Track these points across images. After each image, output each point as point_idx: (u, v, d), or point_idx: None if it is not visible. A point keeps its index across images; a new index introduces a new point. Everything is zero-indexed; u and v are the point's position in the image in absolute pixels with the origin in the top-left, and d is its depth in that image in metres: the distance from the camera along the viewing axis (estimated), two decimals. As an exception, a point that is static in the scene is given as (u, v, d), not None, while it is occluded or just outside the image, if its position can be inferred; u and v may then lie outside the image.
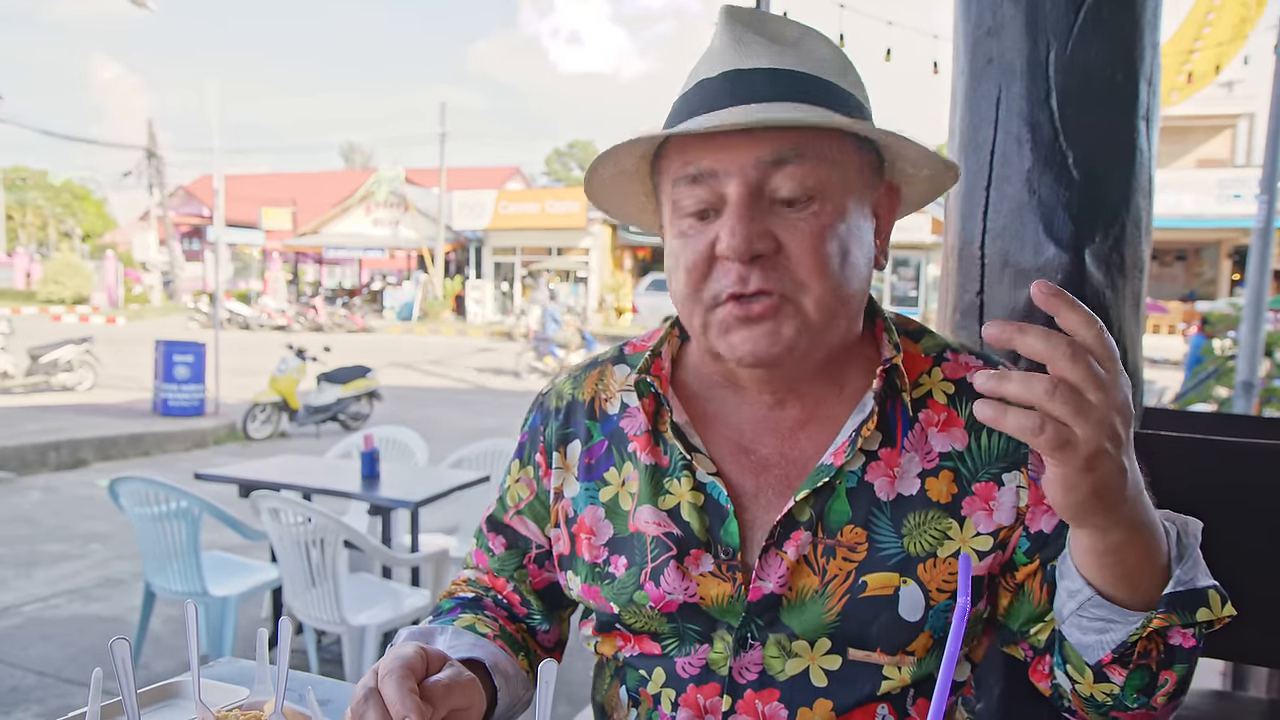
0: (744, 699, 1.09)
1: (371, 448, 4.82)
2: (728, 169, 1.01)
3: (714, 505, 1.12)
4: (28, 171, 51.57)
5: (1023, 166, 1.69)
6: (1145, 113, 1.69)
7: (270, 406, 11.86)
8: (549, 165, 76.43)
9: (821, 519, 1.08)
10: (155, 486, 4.19)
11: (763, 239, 1.00)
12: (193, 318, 28.66)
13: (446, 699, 0.95)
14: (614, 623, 1.17)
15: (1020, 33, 1.69)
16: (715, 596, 1.10)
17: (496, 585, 1.32)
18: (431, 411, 13.57)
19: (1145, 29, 1.68)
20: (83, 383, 14.73)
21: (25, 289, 39.74)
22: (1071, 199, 1.66)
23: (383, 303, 37.18)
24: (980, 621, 1.15)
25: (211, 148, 14.91)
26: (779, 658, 1.08)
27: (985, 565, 1.08)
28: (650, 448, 1.17)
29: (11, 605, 5.45)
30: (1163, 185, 27.55)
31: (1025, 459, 1.09)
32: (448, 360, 22.01)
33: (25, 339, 15.61)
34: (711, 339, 1.06)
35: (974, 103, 1.76)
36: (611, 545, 1.17)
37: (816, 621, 1.07)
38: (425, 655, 0.98)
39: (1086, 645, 0.96)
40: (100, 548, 6.73)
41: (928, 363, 1.15)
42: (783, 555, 1.08)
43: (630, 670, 1.19)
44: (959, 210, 1.79)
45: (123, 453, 10.55)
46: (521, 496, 1.29)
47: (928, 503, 1.08)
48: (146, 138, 37.20)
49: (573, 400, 1.26)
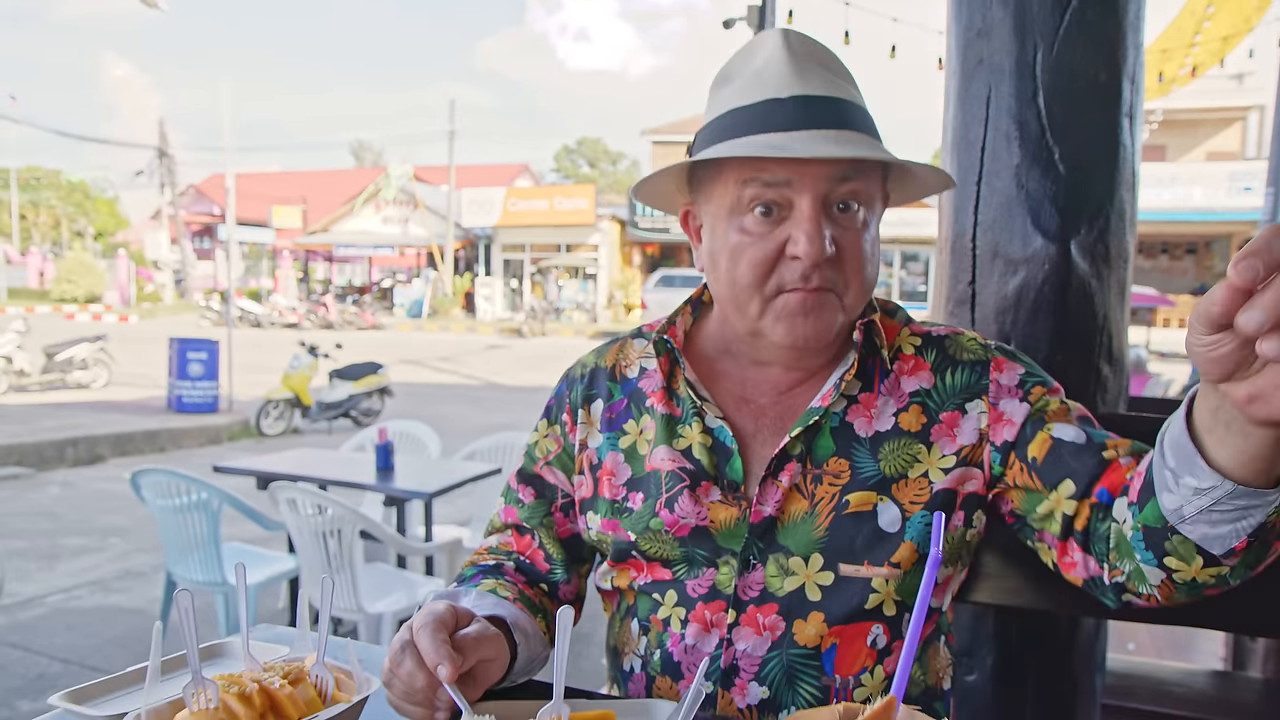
0: (746, 613, 1.24)
1: (386, 440, 4.93)
2: (802, 181, 1.17)
3: (720, 446, 1.29)
4: (41, 171, 51.80)
5: (1012, 162, 1.78)
6: (1128, 110, 1.77)
7: (283, 403, 11.97)
8: (558, 162, 76.52)
9: (810, 453, 1.26)
10: (176, 478, 4.29)
11: (830, 244, 1.18)
12: (204, 315, 28.80)
13: (475, 650, 1.05)
14: (630, 551, 1.31)
15: (1009, 35, 1.77)
16: (723, 520, 1.26)
17: (520, 546, 1.44)
18: (443, 408, 13.66)
19: (1128, 30, 1.76)
20: (97, 380, 14.88)
21: (39, 288, 39.98)
22: (1058, 193, 1.75)
23: (393, 300, 37.30)
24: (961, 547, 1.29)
25: (222, 146, 15.03)
26: (778, 576, 1.23)
27: (953, 480, 1.24)
28: (665, 400, 1.34)
29: (36, 596, 5.56)
30: (1173, 178, 27.52)
31: (986, 389, 1.27)
32: (458, 357, 22.11)
33: (40, 337, 15.75)
34: (767, 322, 1.23)
35: (965, 101, 1.85)
36: (630, 484, 1.33)
37: (808, 539, 1.23)
38: (455, 611, 1.08)
39: (1217, 537, 0.99)
40: (120, 541, 6.85)
41: (899, 327, 1.35)
42: (778, 484, 1.25)
43: (642, 599, 1.33)
44: (952, 204, 1.88)
45: (139, 448, 10.67)
46: (550, 450, 1.44)
47: (900, 432, 1.27)
48: (158, 137, 37.35)
49: (596, 367, 1.44)
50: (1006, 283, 1.79)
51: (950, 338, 1.33)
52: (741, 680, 1.23)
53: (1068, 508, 1.18)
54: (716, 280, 1.27)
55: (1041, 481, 1.21)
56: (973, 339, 1.33)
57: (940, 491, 1.24)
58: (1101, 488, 1.16)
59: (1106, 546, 1.14)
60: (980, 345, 1.32)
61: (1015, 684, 1.90)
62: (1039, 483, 1.21)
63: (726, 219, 1.23)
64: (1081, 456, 1.18)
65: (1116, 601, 1.17)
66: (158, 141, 37.32)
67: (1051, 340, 1.77)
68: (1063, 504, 1.18)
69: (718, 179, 1.24)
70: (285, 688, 1.01)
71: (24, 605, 5.38)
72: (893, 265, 33.11)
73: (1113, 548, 1.12)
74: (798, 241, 1.17)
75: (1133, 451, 1.18)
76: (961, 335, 1.34)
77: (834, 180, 1.17)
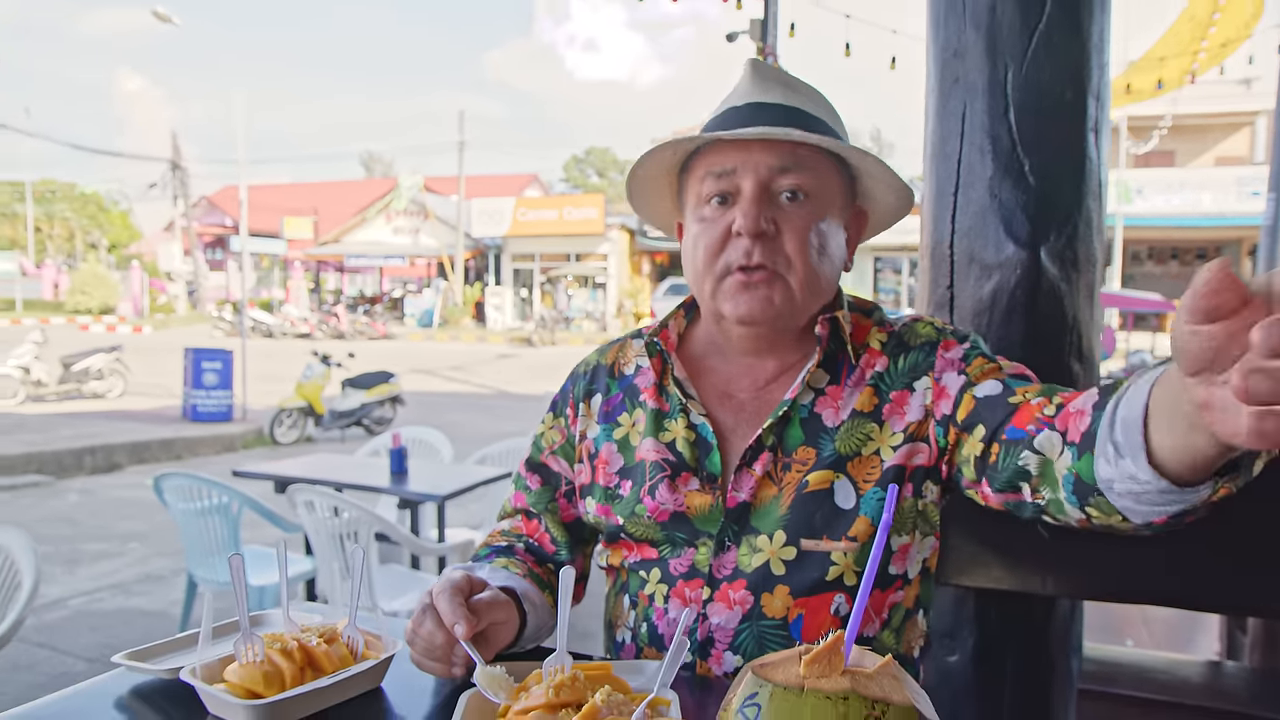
0: (720, 590, 1.36)
1: (400, 445, 5.06)
2: (744, 168, 1.33)
3: (702, 441, 1.41)
4: (56, 184, 52.17)
5: (985, 174, 1.90)
6: (1094, 125, 1.90)
7: (296, 411, 12.13)
8: (567, 172, 76.74)
9: (781, 443, 1.37)
10: (198, 482, 4.43)
11: (767, 221, 1.31)
12: (217, 326, 29.02)
13: (488, 613, 1.19)
14: (620, 533, 1.45)
15: (982, 55, 1.90)
16: (698, 506, 1.38)
17: (529, 529, 1.57)
18: (453, 416, 13.80)
19: (1092, 51, 1.88)
20: (113, 390, 15.09)
21: (54, 300, 40.31)
22: (1028, 202, 1.87)
23: (403, 310, 37.49)
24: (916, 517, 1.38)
25: (235, 159, 15.22)
26: (747, 555, 1.35)
27: (901, 456, 1.35)
28: (655, 396, 1.47)
29: (59, 599, 5.71)
30: (1181, 184, 27.54)
31: (932, 366, 1.38)
32: (468, 366, 22.27)
33: (55, 348, 15.95)
34: (719, 302, 1.37)
35: (943, 118, 1.98)
36: (621, 472, 1.46)
37: (773, 518, 1.34)
38: (470, 579, 1.23)
39: (1139, 511, 1.03)
40: (139, 546, 7.00)
41: (870, 326, 1.46)
42: (752, 472, 1.37)
43: (632, 576, 1.46)
44: (931, 214, 2.01)
45: (155, 456, 10.84)
46: (554, 440, 1.57)
47: (856, 414, 1.37)
48: (171, 150, 37.68)
49: (597, 365, 1.58)
50: (982, 286, 1.92)
51: (909, 326, 1.44)
52: (717, 650, 1.35)
53: (977, 449, 1.26)
54: (687, 273, 1.42)
55: (964, 433, 1.30)
56: (929, 324, 1.43)
57: (891, 468, 1.34)
58: (1011, 426, 1.21)
59: (1027, 476, 1.17)
60: (935, 329, 1.42)
61: (994, 665, 2.01)
62: (963, 434, 1.30)
63: (693, 214, 1.40)
64: (993, 404, 1.26)
65: (1034, 517, 1.22)
66: (171, 154, 37.65)
67: (1024, 340, 1.89)
68: (975, 446, 1.27)
69: (688, 183, 1.42)
70: (321, 645, 1.15)
71: (49, 607, 5.53)
72: (901, 273, 33.20)
73: (1036, 474, 1.16)
74: (737, 219, 1.31)
75: (1044, 393, 1.22)
76: (919, 322, 1.44)
77: (774, 169, 1.32)
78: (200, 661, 1.12)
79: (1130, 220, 26.98)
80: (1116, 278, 26.26)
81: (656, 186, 1.50)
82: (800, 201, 1.33)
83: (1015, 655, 2.01)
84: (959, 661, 2.03)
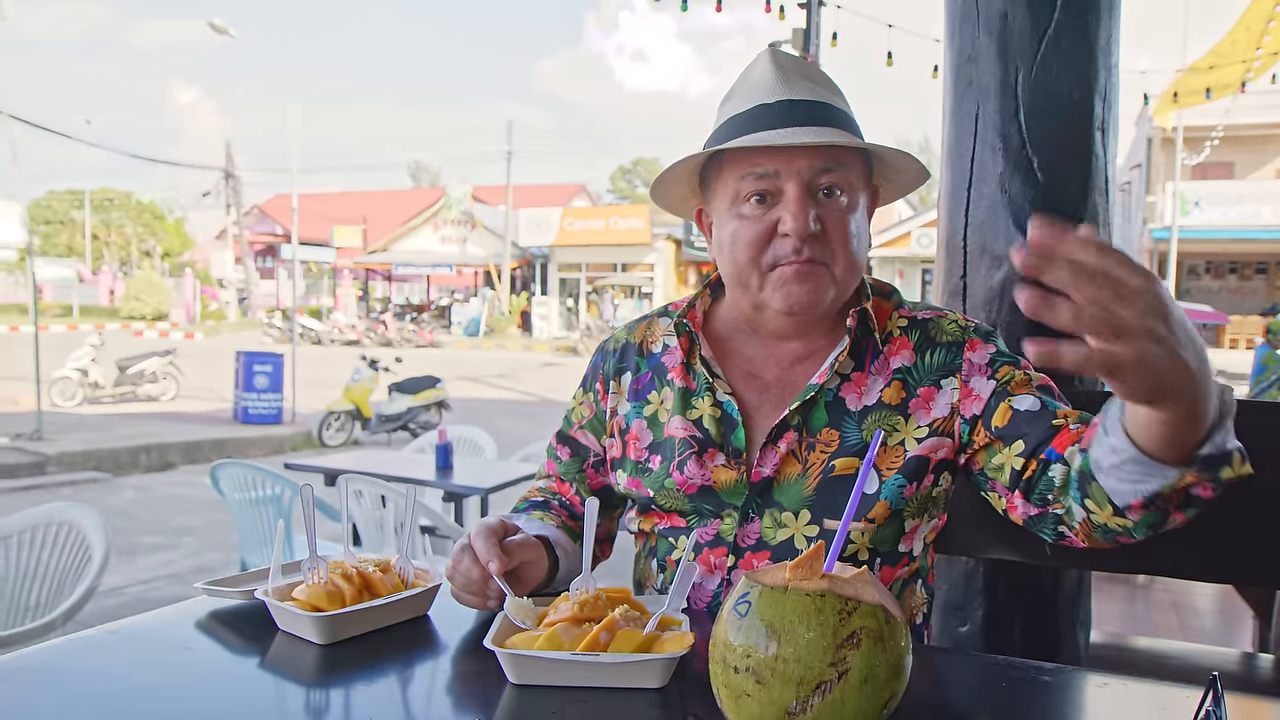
0: (744, 558, 1.46)
1: (445, 441, 5.23)
2: (787, 171, 1.39)
3: (728, 418, 1.50)
4: (114, 193, 53.33)
5: (996, 171, 2.03)
6: (1100, 124, 2.02)
7: (344, 415, 12.38)
8: (614, 182, 77.15)
9: (806, 423, 1.46)
10: (253, 471, 4.63)
11: (815, 221, 1.38)
12: (267, 333, 29.47)
13: (519, 553, 1.33)
14: (650, 504, 1.55)
15: (994, 59, 2.03)
16: (724, 481, 1.47)
17: (562, 490, 1.70)
18: (498, 422, 13.97)
19: (1099, 54, 2.00)
20: (166, 393, 15.48)
21: (109, 305, 41.20)
22: (1036, 197, 2.00)
23: (450, 318, 37.87)
24: (929, 501, 1.49)
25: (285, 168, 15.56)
26: (772, 528, 1.45)
27: (926, 448, 1.44)
28: (683, 375, 1.56)
29: (118, 586, 5.95)
30: (1240, 196, 26.99)
31: (960, 368, 1.46)
32: (514, 374, 22.51)
33: (111, 352, 16.36)
34: (767, 293, 1.44)
35: (958, 119, 2.10)
36: (651, 448, 1.55)
37: (799, 497, 1.44)
38: (504, 523, 1.37)
39: (1120, 491, 1.15)
40: (193, 540, 7.24)
41: (891, 310, 1.55)
42: (776, 450, 1.45)
43: (661, 542, 1.57)
44: (947, 209, 2.13)
45: (207, 456, 11.12)
46: (584, 415, 1.68)
47: (883, 405, 1.46)
48: (225, 159, 38.39)
49: (626, 343, 1.67)
50: (992, 276, 2.04)
51: (933, 320, 1.51)
52: None
53: (1016, 463, 1.37)
54: (724, 263, 1.50)
55: (1000, 441, 1.40)
56: (954, 322, 1.51)
57: (914, 458, 1.44)
58: (1050, 448, 1.34)
59: (1053, 487, 1.32)
60: (960, 327, 1.50)
61: (1004, 636, 2.13)
62: (998, 443, 1.41)
63: (729, 209, 1.45)
64: (1035, 422, 1.37)
65: (1054, 535, 1.35)
66: (224, 163, 38.36)
67: (1032, 326, 2.00)
68: (1013, 459, 1.37)
69: (720, 178, 1.48)
70: (377, 573, 1.30)
71: (108, 594, 5.75)
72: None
73: (1059, 486, 1.30)
74: (786, 221, 1.38)
75: (1081, 420, 1.35)
76: (944, 318, 1.52)
77: (816, 170, 1.39)
78: (272, 585, 1.27)
79: (1187, 232, 26.49)
80: (1171, 291, 25.79)
81: (673, 174, 1.56)
82: (837, 197, 1.41)
83: (1023, 627, 2.13)
84: (969, 632, 2.15)
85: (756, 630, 0.89)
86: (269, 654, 1.19)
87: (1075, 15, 1.98)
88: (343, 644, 1.21)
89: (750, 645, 0.89)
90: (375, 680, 1.11)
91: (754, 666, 0.89)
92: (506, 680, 1.09)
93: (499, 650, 1.08)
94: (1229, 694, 0.98)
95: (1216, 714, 0.91)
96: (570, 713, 1.02)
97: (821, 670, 0.86)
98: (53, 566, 3.07)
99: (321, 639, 1.20)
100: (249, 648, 1.21)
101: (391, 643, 1.23)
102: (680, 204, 1.65)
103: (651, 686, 1.07)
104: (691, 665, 1.13)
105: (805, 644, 0.87)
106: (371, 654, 1.18)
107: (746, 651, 0.89)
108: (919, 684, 1.01)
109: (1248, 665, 2.91)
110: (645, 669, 1.06)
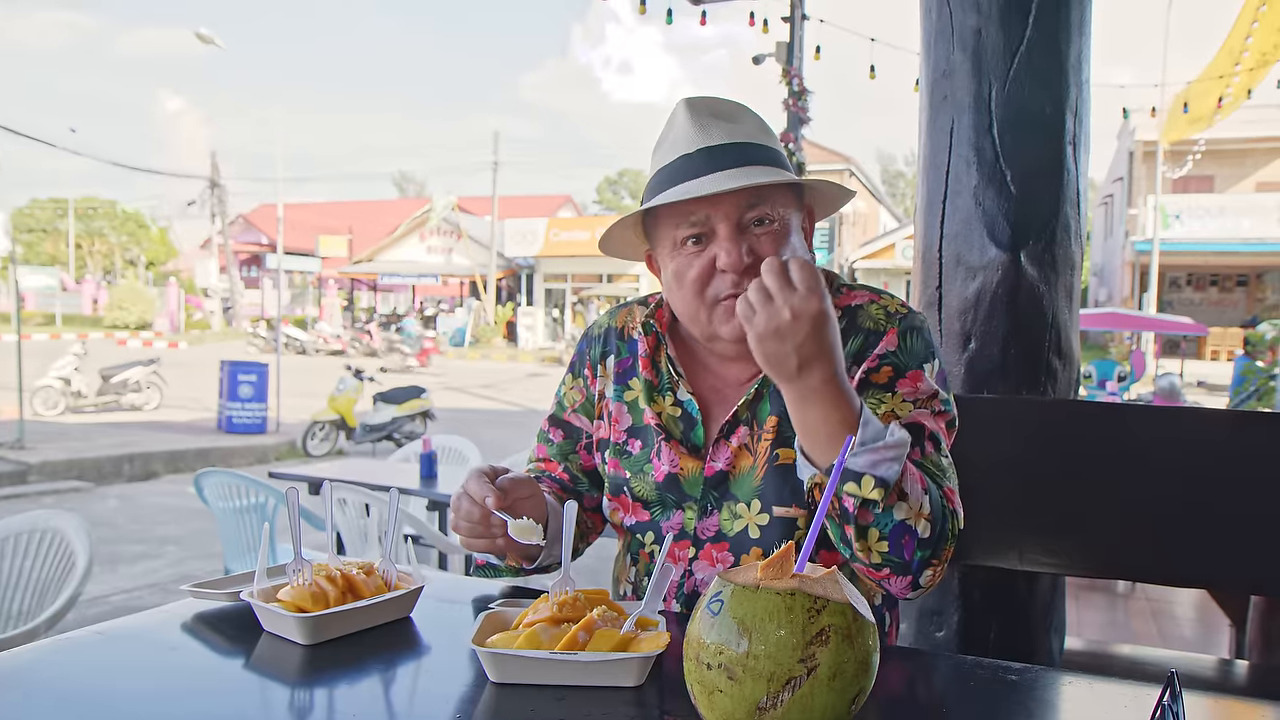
0: (704, 550, 1.53)
1: (430, 450, 5.25)
2: (716, 214, 1.45)
3: (687, 416, 1.58)
4: (98, 201, 53.14)
5: (971, 184, 2.07)
6: (1071, 139, 2.06)
7: (329, 425, 12.37)
8: (600, 193, 77.28)
9: (754, 417, 1.53)
10: (237, 479, 4.64)
11: (746, 254, 1.44)
12: (252, 342, 29.41)
13: (514, 489, 1.42)
14: (623, 487, 1.61)
15: (968, 75, 2.07)
16: (689, 469, 1.54)
17: (552, 468, 1.75)
18: (483, 432, 13.96)
19: (1070, 70, 2.05)
20: (150, 402, 15.42)
21: (92, 315, 41.00)
22: (1010, 209, 2.04)
23: (436, 328, 37.84)
24: None
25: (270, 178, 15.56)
26: (729, 520, 1.52)
27: None
28: (649, 368, 1.63)
29: (101, 595, 5.94)
30: (1221, 209, 27.23)
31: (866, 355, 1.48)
32: (499, 384, 22.50)
33: (94, 362, 16.30)
34: (715, 325, 1.50)
35: (933, 133, 2.15)
36: (630, 431, 1.63)
37: (750, 488, 1.50)
38: (494, 468, 1.45)
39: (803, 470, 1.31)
40: (176, 549, 7.23)
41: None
42: (729, 445, 1.52)
43: (633, 537, 1.63)
44: (924, 220, 2.17)
45: (191, 465, 11.09)
46: (575, 400, 1.74)
47: None
48: (210, 168, 38.31)
49: (609, 327, 1.73)
50: (967, 286, 2.08)
51: (863, 306, 1.53)
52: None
53: None
54: (674, 301, 1.55)
55: None
56: (881, 308, 1.52)
57: None
58: None
59: None
60: (886, 315, 1.51)
61: (979, 641, 2.16)
62: None
63: (670, 254, 1.52)
64: None
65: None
66: (210, 173, 38.28)
67: (1005, 336, 2.05)
68: None
69: (658, 228, 1.54)
70: (361, 575, 1.33)
71: (91, 603, 5.74)
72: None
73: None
74: (720, 258, 1.44)
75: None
76: (874, 303, 1.53)
77: (742, 208, 1.44)
78: (256, 587, 1.30)
79: (1168, 245, 26.74)
80: (1153, 303, 26.05)
81: (617, 230, 1.62)
82: (768, 226, 1.46)
83: (998, 630, 2.16)
84: (944, 637, 2.18)
85: (729, 628, 0.92)
86: (254, 655, 1.22)
87: (1047, 33, 2.03)
88: (327, 644, 1.24)
89: (722, 643, 0.92)
90: (359, 680, 1.14)
91: (726, 663, 0.92)
92: (487, 679, 1.12)
93: (480, 649, 1.11)
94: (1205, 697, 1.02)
95: (1173, 709, 0.95)
96: (548, 710, 1.05)
97: (791, 667, 0.90)
98: (36, 574, 3.07)
99: (306, 640, 1.22)
100: (234, 649, 1.24)
101: (375, 643, 1.26)
102: (630, 252, 1.70)
103: (628, 685, 1.10)
104: (667, 664, 1.16)
105: (776, 641, 0.90)
106: (355, 654, 1.21)
107: (719, 649, 0.92)
108: (888, 682, 1.04)
109: (1224, 671, 2.96)
110: (622, 667, 1.09)
